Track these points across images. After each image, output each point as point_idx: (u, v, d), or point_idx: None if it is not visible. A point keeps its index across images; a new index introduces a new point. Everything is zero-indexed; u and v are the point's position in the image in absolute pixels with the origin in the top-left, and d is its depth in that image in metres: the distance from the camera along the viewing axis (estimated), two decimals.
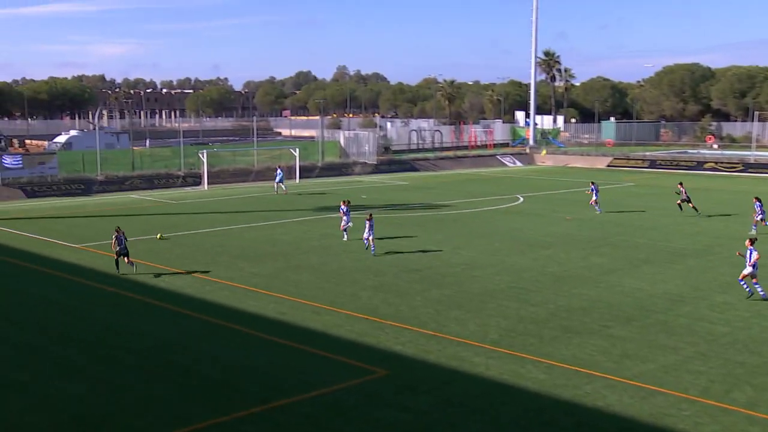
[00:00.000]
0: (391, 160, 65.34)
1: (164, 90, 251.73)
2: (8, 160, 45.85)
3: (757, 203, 30.25)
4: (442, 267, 23.74)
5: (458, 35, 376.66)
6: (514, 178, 56.60)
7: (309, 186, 50.55)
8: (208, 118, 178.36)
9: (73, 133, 74.68)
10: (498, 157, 72.46)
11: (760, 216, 29.87)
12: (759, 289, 19.45)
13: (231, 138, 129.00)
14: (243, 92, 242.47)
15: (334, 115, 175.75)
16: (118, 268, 22.94)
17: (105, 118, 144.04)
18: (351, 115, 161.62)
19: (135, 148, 57.22)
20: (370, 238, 25.72)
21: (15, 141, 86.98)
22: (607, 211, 36.29)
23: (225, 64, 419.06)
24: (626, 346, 15.96)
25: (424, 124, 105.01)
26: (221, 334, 16.78)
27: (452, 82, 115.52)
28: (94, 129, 63.07)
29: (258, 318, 18.05)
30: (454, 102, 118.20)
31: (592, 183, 37.05)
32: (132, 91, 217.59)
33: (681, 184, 35.14)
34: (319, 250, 26.60)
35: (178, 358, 15.14)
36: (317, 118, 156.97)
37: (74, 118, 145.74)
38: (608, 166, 66.70)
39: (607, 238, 28.92)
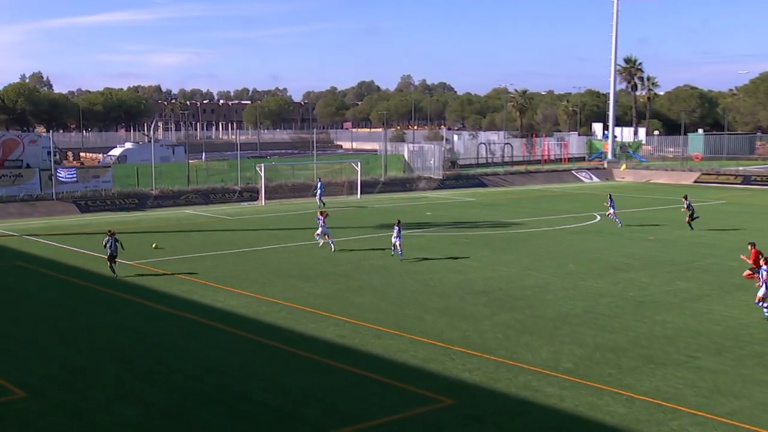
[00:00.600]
0: (458, 175, 65.22)
1: (221, 101, 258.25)
2: (63, 174, 47.69)
3: None
4: (511, 289, 23.57)
5: (531, 42, 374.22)
6: (590, 195, 55.63)
7: (371, 202, 50.88)
8: (266, 131, 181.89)
9: (128, 145, 77.20)
10: (573, 172, 71.46)
11: None
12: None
13: (289, 151, 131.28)
14: (302, 103, 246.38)
15: (398, 128, 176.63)
16: (114, 273, 24.98)
17: (160, 130, 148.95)
18: (416, 128, 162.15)
19: (190, 161, 58.82)
20: (398, 243, 27.78)
21: (70, 154, 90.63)
22: (697, 230, 35.35)
23: (284, 74, 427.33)
24: (717, 379, 15.47)
25: (493, 136, 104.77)
26: (278, 358, 17.03)
27: (524, 92, 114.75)
28: (150, 141, 65.06)
29: (317, 341, 18.24)
30: (526, 113, 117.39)
31: (610, 196, 39.37)
32: (188, 102, 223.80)
33: (686, 197, 36.03)
34: (380, 270, 26.71)
35: (234, 382, 15.41)
36: (380, 130, 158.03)
37: (129, 130, 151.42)
38: (695, 182, 64.91)
39: (694, 261, 28.15)
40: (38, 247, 32.19)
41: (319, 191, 47.77)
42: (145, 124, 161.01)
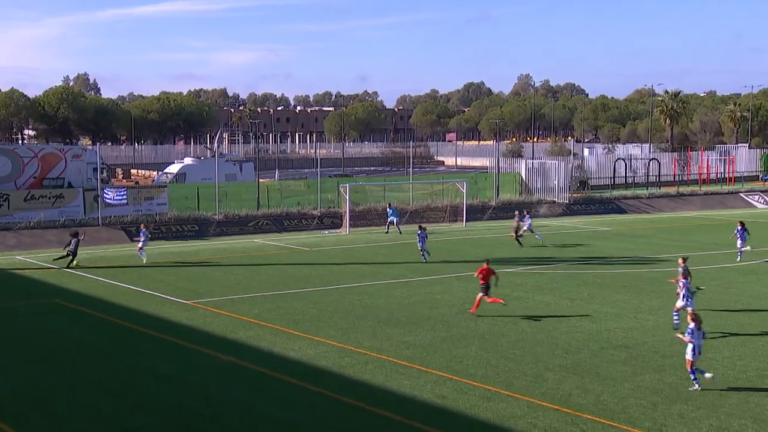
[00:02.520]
0: (589, 199, 64.33)
1: (298, 107, 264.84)
2: (110, 195, 49.19)
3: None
4: (658, 344, 23.00)
5: (685, 30, 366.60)
6: (765, 225, 53.67)
7: (479, 230, 50.75)
8: (352, 143, 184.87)
9: (187, 161, 79.57)
10: (742, 195, 69.30)
11: None
12: None
13: (380, 168, 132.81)
14: (396, 110, 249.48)
15: (514, 140, 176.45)
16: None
17: (226, 142, 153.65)
18: (536, 140, 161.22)
19: (262, 180, 60.29)
20: (421, 246, 32.63)
21: (119, 171, 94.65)
22: None
23: (374, 75, 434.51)
24: None
25: (635, 150, 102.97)
26: (366, 422, 17.10)
27: (676, 94, 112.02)
28: (213, 156, 67.09)
29: (412, 402, 18.24)
30: (679, 121, 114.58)
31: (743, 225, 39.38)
32: (259, 110, 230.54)
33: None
34: (490, 315, 26.55)
35: None
36: (491, 143, 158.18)
37: (189, 143, 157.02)
38: None
39: None
40: (82, 282, 33.58)
41: (393, 218, 48.62)
42: (208, 136, 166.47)
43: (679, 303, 24.90)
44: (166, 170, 77.66)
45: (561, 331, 24.57)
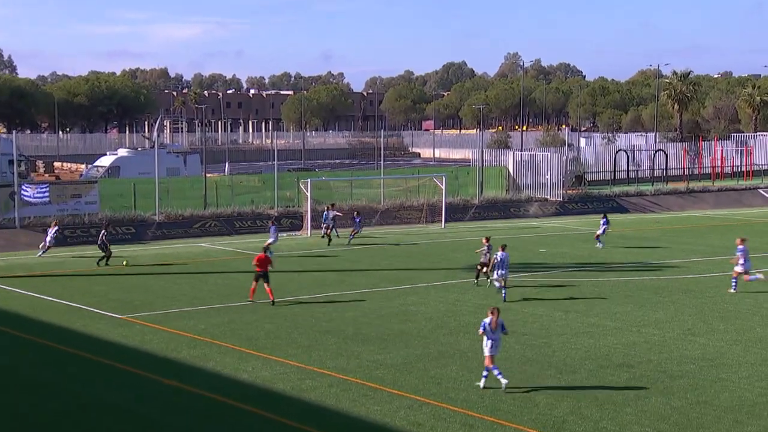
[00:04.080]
0: (586, 196, 64.66)
1: (252, 91, 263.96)
2: (30, 192, 48.47)
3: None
4: (666, 362, 23.19)
5: (696, 1, 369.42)
6: None
7: (460, 232, 50.86)
8: (314, 133, 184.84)
9: (122, 152, 79.09)
10: (762, 191, 69.95)
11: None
12: None
13: (347, 161, 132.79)
14: (365, 94, 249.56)
15: (500, 128, 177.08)
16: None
17: (167, 131, 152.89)
18: (525, 128, 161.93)
19: (209, 175, 59.99)
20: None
21: (40, 164, 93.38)
22: None
23: (339, 54, 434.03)
24: None
25: (639, 140, 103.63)
26: None
27: (686, 75, 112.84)
28: (152, 147, 66.68)
29: (382, 430, 18.26)
30: (689, 106, 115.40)
31: (604, 215, 45.10)
32: (206, 93, 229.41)
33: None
34: (472, 330, 26.52)
35: None
36: (474, 132, 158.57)
37: (124, 131, 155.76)
38: None
39: None
40: None
41: (326, 220, 47.68)
42: (147, 123, 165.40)
43: (738, 268, 31.84)
44: (97, 163, 77.07)
45: (554, 347, 24.66)
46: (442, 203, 54.44)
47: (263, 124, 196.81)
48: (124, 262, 38.04)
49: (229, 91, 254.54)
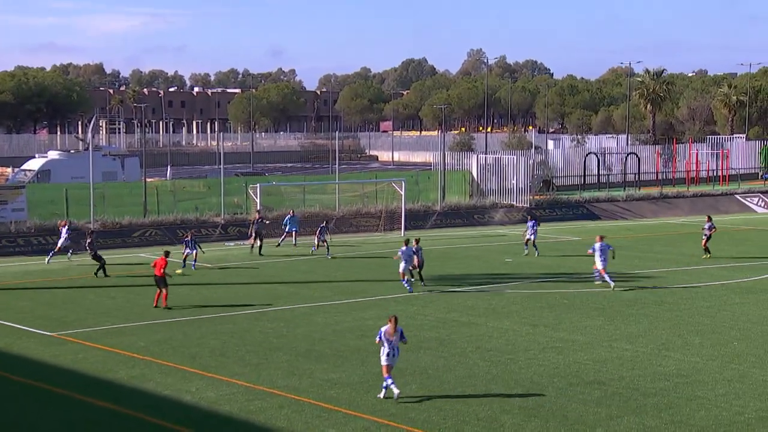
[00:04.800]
0: (555, 202, 65.05)
1: (196, 89, 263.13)
2: None
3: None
4: (639, 379, 23.29)
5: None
6: (766, 233, 54.85)
7: (421, 241, 50.78)
8: (263, 134, 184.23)
9: (52, 155, 78.31)
10: (738, 197, 70.72)
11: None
12: None
13: (300, 165, 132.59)
14: (318, 93, 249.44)
15: (463, 130, 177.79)
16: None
17: (103, 131, 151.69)
18: (490, 130, 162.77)
19: (150, 179, 59.58)
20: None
21: None
22: None
23: (291, 50, 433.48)
24: None
25: (610, 142, 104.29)
26: None
27: (659, 73, 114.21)
28: (86, 149, 66.16)
29: None
30: (662, 106, 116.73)
31: (531, 218, 45.66)
32: (146, 91, 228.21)
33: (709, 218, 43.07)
34: (434, 345, 26.65)
35: None
36: (435, 133, 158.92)
37: (55, 132, 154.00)
38: None
39: None
40: None
41: (289, 224, 48.23)
42: (80, 123, 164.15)
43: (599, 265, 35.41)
44: (25, 166, 76.40)
45: (520, 364, 24.68)
46: (401, 210, 54.46)
47: (208, 124, 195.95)
48: (178, 271, 37.46)
49: (171, 89, 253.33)
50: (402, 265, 35.42)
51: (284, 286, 37.00)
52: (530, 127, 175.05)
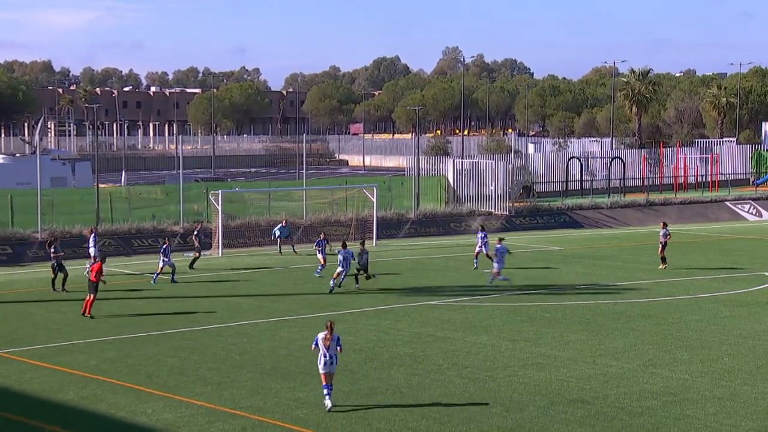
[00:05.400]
0: (535, 209, 65.11)
1: (153, 88, 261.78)
2: None
3: None
4: (624, 398, 23.36)
5: None
6: (759, 243, 55.16)
7: (394, 251, 50.85)
8: (226, 137, 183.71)
9: None
10: (729, 203, 71.06)
11: None
12: None
13: (264, 170, 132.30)
14: (285, 93, 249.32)
15: (438, 133, 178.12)
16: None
17: (52, 134, 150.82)
18: (467, 133, 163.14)
19: (103, 185, 59.23)
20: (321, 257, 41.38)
21: None
22: None
23: (255, 47, 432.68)
24: None
25: (593, 146, 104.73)
26: None
27: (645, 73, 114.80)
28: (33, 153, 65.70)
29: None
30: (649, 108, 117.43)
31: (482, 229, 45.39)
32: (99, 90, 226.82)
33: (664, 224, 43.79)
34: (408, 362, 26.62)
35: None
36: (409, 137, 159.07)
37: None
38: None
39: None
40: None
41: (278, 231, 49.18)
42: (26, 125, 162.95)
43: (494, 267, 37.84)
44: None
45: (499, 382, 24.69)
46: (373, 218, 54.40)
47: (166, 126, 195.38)
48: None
49: (126, 89, 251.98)
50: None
51: (248, 299, 36.83)
52: (509, 130, 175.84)
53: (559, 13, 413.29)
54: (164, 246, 40.99)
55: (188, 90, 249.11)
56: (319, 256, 42.81)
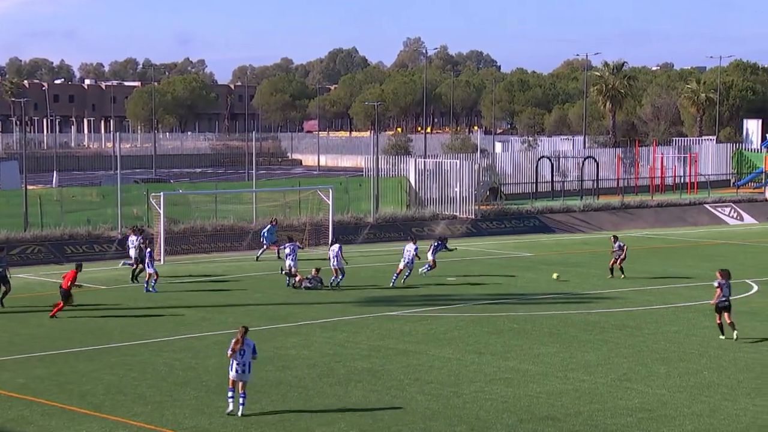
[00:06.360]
0: (503, 212, 65.29)
1: (87, 81, 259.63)
2: None
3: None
4: (598, 415, 23.46)
5: None
6: (739, 248, 55.65)
7: (352, 257, 50.79)
8: (168, 134, 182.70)
9: None
10: (708, 206, 71.57)
11: None
12: None
13: (210, 170, 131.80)
14: (233, 87, 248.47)
15: (399, 130, 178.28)
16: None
17: None
18: (429, 130, 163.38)
19: (31, 187, 58.75)
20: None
21: None
22: None
23: (200, 37, 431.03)
24: None
25: (564, 145, 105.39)
26: None
27: (619, 67, 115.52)
28: None
29: None
30: (623, 104, 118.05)
31: (440, 240, 46.07)
32: (27, 83, 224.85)
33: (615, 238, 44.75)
34: (367, 378, 26.65)
35: None
36: (368, 134, 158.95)
37: None
38: None
39: None
40: None
41: (265, 236, 49.14)
42: None
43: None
44: None
45: (465, 398, 24.71)
46: (328, 222, 54.37)
47: (102, 122, 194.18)
48: (555, 275, 41.92)
49: (57, 81, 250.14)
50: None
51: (193, 311, 36.65)
52: (475, 128, 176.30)
53: (527, 2, 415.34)
54: (148, 251, 41.16)
55: (126, 83, 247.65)
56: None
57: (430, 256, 43.98)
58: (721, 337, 31.22)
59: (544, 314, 35.87)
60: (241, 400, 22.91)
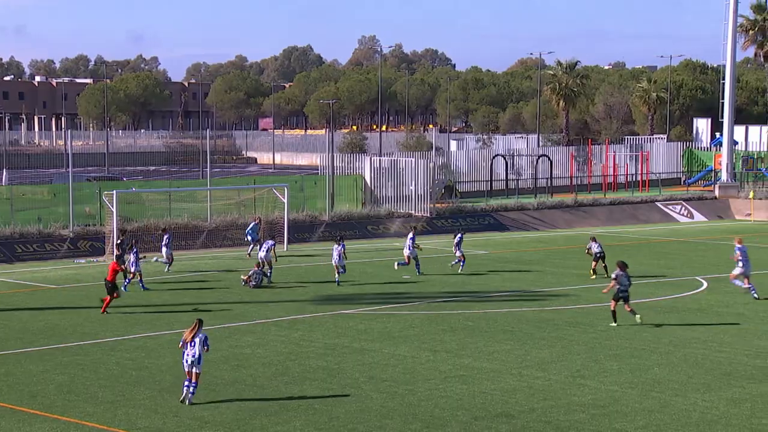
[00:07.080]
0: (458, 211, 65.41)
1: (38, 78, 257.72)
2: None
3: None
4: (551, 411, 23.58)
5: None
6: (691, 245, 56.05)
7: (306, 256, 50.77)
8: (121, 132, 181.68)
9: None
10: (659, 204, 72.12)
11: None
12: None
13: (164, 168, 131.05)
14: (186, 85, 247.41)
15: (354, 128, 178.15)
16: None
17: None
18: (385, 128, 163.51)
19: None
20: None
21: None
22: None
23: (153, 34, 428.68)
24: None
25: (519, 143, 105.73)
26: None
27: (572, 66, 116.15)
28: None
29: None
30: (576, 103, 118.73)
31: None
32: None
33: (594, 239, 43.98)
34: (322, 376, 26.63)
35: None
36: (323, 132, 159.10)
37: None
38: None
39: None
40: None
41: (251, 234, 49.65)
42: None
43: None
44: None
45: (419, 396, 24.76)
46: (284, 220, 54.27)
47: (53, 120, 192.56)
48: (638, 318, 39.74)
49: (7, 78, 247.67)
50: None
51: (146, 310, 36.49)
52: (430, 126, 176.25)
53: (482, 1, 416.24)
54: (134, 250, 40.98)
55: (78, 80, 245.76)
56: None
57: (458, 253, 45.15)
58: (612, 324, 32.72)
59: (499, 312, 35.99)
60: (191, 389, 23.63)
